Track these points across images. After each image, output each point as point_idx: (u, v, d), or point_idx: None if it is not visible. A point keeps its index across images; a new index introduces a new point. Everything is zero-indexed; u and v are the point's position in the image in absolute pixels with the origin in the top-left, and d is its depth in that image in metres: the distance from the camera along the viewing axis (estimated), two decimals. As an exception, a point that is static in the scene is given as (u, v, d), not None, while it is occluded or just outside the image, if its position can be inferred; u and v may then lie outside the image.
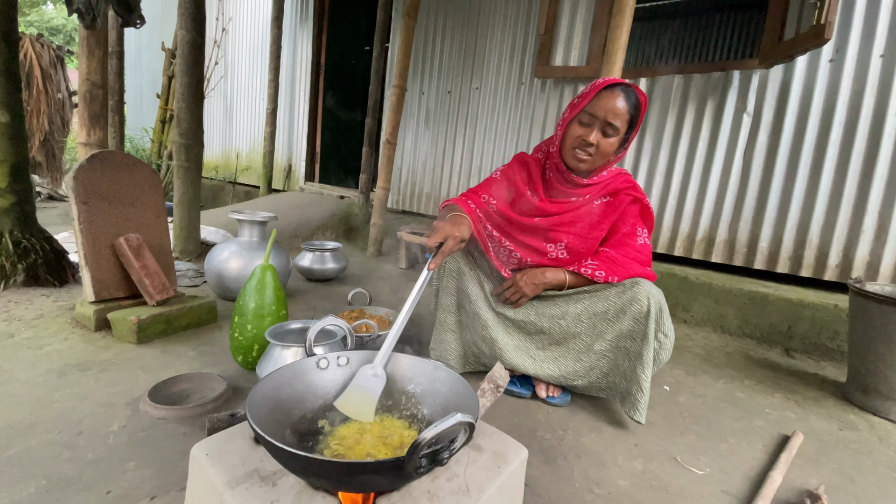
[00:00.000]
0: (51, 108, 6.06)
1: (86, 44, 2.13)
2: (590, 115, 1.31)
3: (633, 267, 1.38)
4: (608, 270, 1.38)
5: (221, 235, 3.12)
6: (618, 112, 1.29)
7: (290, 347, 1.28)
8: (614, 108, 1.29)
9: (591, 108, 1.31)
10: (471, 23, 3.66)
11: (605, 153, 1.34)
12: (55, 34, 18.92)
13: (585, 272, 1.40)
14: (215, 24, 5.71)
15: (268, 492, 0.68)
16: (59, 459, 1.03)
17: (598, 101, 1.30)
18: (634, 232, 1.43)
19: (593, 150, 1.33)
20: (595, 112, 1.30)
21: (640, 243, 1.43)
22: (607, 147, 1.34)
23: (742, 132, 2.52)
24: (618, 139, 1.34)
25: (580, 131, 1.33)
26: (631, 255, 1.40)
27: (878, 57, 2.17)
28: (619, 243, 1.42)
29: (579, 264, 1.42)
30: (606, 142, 1.33)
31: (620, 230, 1.43)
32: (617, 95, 1.29)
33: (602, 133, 1.32)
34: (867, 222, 2.21)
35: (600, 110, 1.30)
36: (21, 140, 2.11)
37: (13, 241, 2.06)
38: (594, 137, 1.31)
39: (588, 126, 1.33)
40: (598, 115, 1.30)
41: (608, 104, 1.29)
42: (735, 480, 1.18)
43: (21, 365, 1.43)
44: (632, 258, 1.40)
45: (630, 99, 1.30)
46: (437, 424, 0.59)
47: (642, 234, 1.44)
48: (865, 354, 1.64)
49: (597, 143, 1.32)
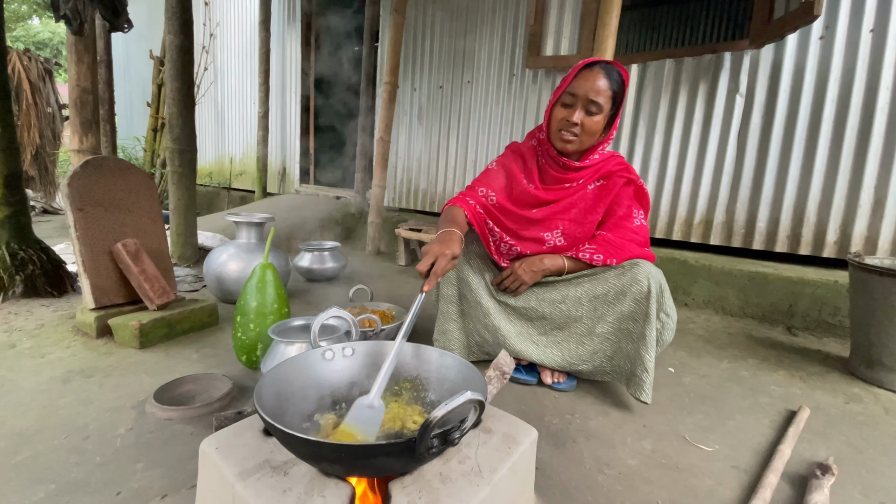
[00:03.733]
0: (41, 122, 6.02)
1: (74, 50, 2.12)
2: (571, 95, 1.32)
3: (630, 248, 1.38)
4: (606, 253, 1.38)
5: (219, 240, 3.11)
6: (599, 90, 1.29)
7: (293, 344, 1.27)
8: (595, 86, 1.29)
9: (571, 88, 1.32)
10: (460, 17, 3.66)
11: (592, 132, 1.35)
12: (42, 48, 18.81)
13: (583, 257, 1.40)
14: (203, 30, 5.69)
15: (280, 481, 0.67)
16: (68, 464, 1.03)
17: (578, 80, 1.31)
18: (630, 214, 1.43)
19: (578, 130, 1.34)
20: (576, 92, 1.31)
21: (637, 225, 1.43)
22: (592, 125, 1.34)
23: (735, 114, 2.52)
24: (602, 116, 1.34)
25: (563, 113, 1.34)
26: (628, 237, 1.40)
27: (868, 32, 2.18)
28: (616, 226, 1.42)
29: (577, 249, 1.42)
30: (591, 120, 1.33)
31: (616, 213, 1.43)
32: (597, 73, 1.29)
33: (585, 112, 1.32)
34: (864, 197, 2.22)
35: (581, 89, 1.30)
36: (14, 151, 2.09)
37: (10, 252, 2.05)
38: (577, 117, 1.32)
39: (570, 107, 1.33)
40: (580, 95, 1.31)
41: (587, 83, 1.29)
42: (744, 456, 1.18)
43: (24, 374, 1.42)
44: (629, 240, 1.40)
45: (611, 75, 1.31)
46: (448, 402, 0.59)
47: (638, 216, 1.44)
48: (868, 328, 1.65)
49: (581, 122, 1.32)
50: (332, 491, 0.65)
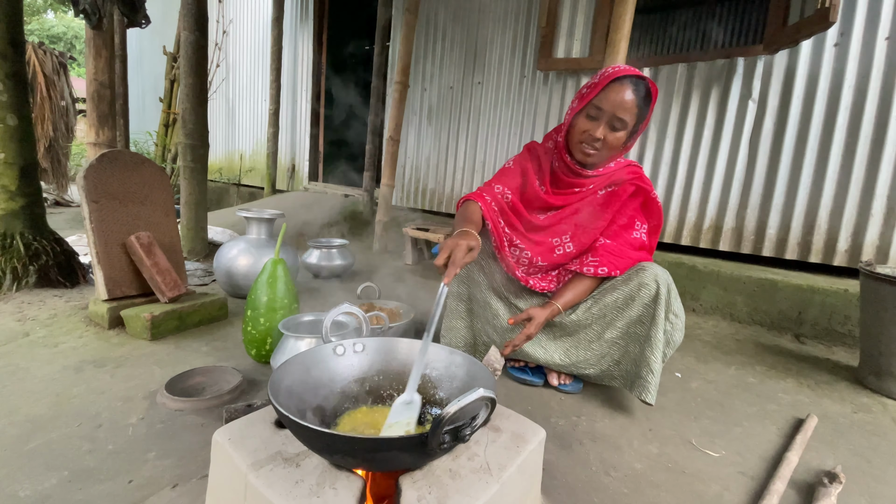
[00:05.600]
0: (55, 115, 6.09)
1: (92, 45, 2.15)
2: (597, 108, 1.28)
3: (629, 253, 1.39)
4: (610, 265, 1.37)
5: (228, 235, 3.14)
6: (626, 106, 1.25)
7: (303, 338, 1.29)
8: (623, 101, 1.25)
9: (598, 101, 1.27)
10: (472, 17, 3.66)
11: (613, 147, 1.32)
12: (56, 42, 19.03)
13: (588, 272, 1.39)
14: (216, 27, 5.74)
15: (292, 472, 0.68)
16: (80, 451, 1.04)
17: (606, 93, 1.26)
18: (632, 225, 1.43)
19: (600, 145, 1.31)
20: (602, 106, 1.27)
21: (634, 237, 1.43)
22: (615, 141, 1.30)
23: (747, 119, 2.51)
24: (626, 132, 1.31)
25: (587, 125, 1.30)
26: (625, 244, 1.41)
27: (883, 39, 2.16)
28: (614, 234, 1.42)
29: (581, 263, 1.41)
30: (614, 136, 1.30)
31: (617, 221, 1.42)
32: (626, 88, 1.25)
33: (610, 127, 1.29)
34: (875, 206, 2.20)
35: (608, 104, 1.26)
36: (30, 143, 2.12)
37: (24, 243, 2.08)
38: (601, 132, 1.28)
39: (595, 120, 1.29)
40: (606, 109, 1.26)
41: (616, 97, 1.25)
42: (751, 462, 1.18)
43: (38, 362, 1.45)
44: (627, 244, 1.41)
45: (639, 91, 1.26)
46: (461, 399, 0.59)
47: (640, 229, 1.43)
48: (878, 337, 1.64)
49: (604, 138, 1.29)
50: (343, 483, 0.66)
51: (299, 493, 0.64)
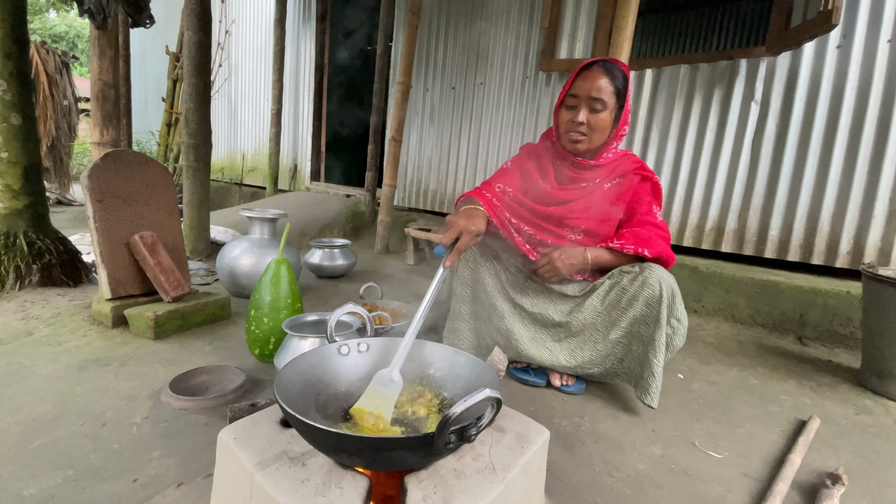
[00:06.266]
0: (57, 114, 6.10)
1: (97, 44, 2.16)
2: (573, 96, 1.36)
3: (659, 243, 1.39)
4: (637, 243, 1.38)
5: (231, 235, 3.14)
6: (600, 87, 1.32)
7: (307, 338, 1.29)
8: (595, 84, 1.32)
9: (573, 89, 1.36)
10: (474, 18, 3.67)
11: (600, 129, 1.37)
12: (58, 41, 19.06)
13: (614, 245, 1.40)
14: (218, 27, 5.74)
15: (297, 472, 0.69)
16: (85, 450, 1.05)
17: (578, 82, 1.35)
18: (651, 210, 1.44)
19: (585, 129, 1.36)
20: (578, 93, 1.35)
21: (660, 221, 1.45)
22: (599, 123, 1.36)
23: (750, 121, 2.51)
24: (608, 113, 1.35)
25: (568, 115, 1.38)
26: (655, 233, 1.41)
27: (885, 42, 2.16)
28: (642, 222, 1.43)
29: (606, 242, 1.42)
30: (597, 118, 1.35)
31: (638, 210, 1.44)
32: (596, 72, 1.33)
33: (590, 110, 1.35)
34: (878, 208, 2.20)
35: (581, 90, 1.34)
36: (33, 142, 2.13)
37: (27, 241, 2.09)
38: (582, 116, 1.35)
39: (574, 108, 1.37)
40: (581, 95, 1.34)
41: (587, 83, 1.33)
42: (754, 464, 1.18)
43: (41, 361, 1.45)
44: (656, 235, 1.41)
45: (611, 72, 1.33)
46: (467, 399, 0.60)
47: (658, 213, 1.46)
48: (880, 339, 1.64)
49: (587, 121, 1.35)
50: (349, 482, 0.66)
51: (305, 492, 0.64)
